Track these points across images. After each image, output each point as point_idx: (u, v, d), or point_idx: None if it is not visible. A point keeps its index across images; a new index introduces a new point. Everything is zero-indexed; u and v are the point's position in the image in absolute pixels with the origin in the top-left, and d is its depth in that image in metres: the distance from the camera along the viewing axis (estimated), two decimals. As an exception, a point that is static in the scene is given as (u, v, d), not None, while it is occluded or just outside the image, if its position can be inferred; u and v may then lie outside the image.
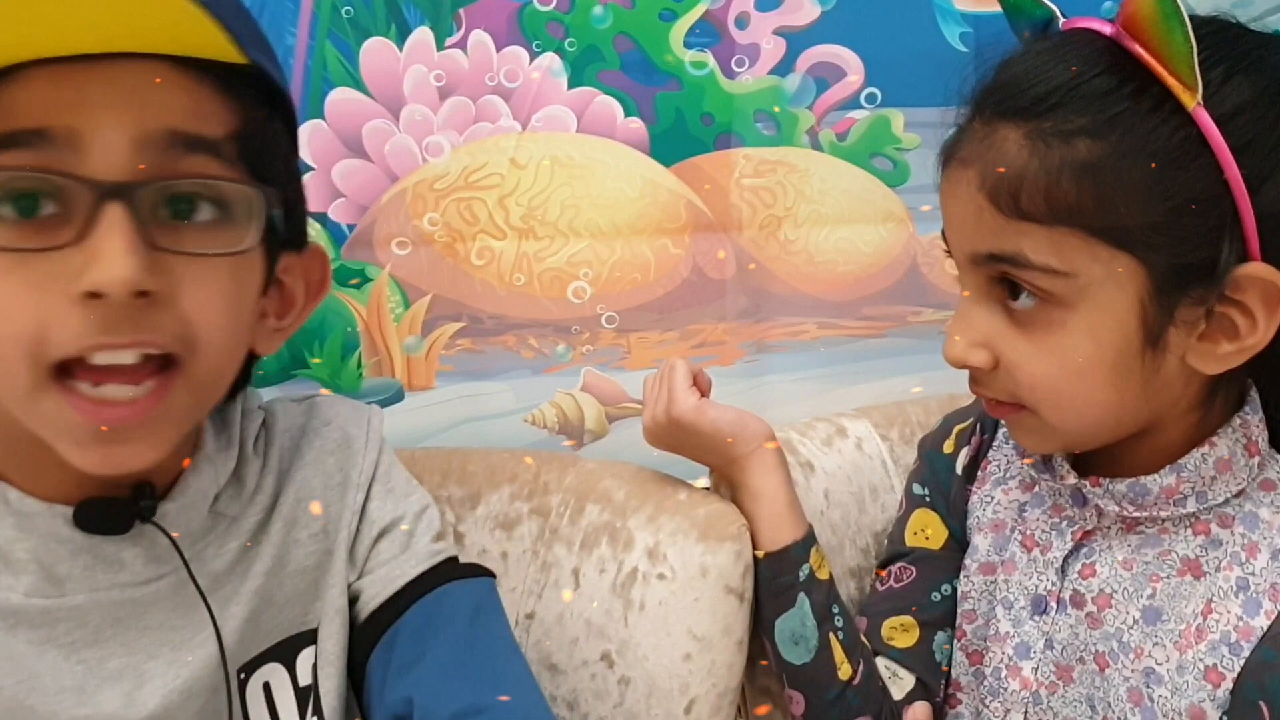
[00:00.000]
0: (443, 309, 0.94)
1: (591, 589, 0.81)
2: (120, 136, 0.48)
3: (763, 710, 0.81)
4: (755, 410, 0.95)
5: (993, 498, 0.74)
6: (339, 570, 0.67)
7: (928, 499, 0.78)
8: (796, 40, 0.91)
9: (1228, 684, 0.61)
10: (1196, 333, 0.58)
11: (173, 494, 0.58)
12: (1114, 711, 0.64)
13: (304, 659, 0.65)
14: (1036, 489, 0.71)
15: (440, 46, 0.88)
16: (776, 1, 0.89)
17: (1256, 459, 0.63)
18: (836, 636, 0.73)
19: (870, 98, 0.93)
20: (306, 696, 0.65)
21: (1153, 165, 0.56)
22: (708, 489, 0.84)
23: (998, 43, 0.89)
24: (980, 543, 0.74)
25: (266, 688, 0.64)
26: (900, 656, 0.75)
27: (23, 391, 0.49)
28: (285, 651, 0.65)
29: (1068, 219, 0.58)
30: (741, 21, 0.89)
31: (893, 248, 0.97)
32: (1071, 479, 0.67)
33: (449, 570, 0.69)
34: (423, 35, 0.87)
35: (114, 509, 0.57)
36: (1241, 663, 0.61)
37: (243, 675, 0.63)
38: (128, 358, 0.49)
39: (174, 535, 0.59)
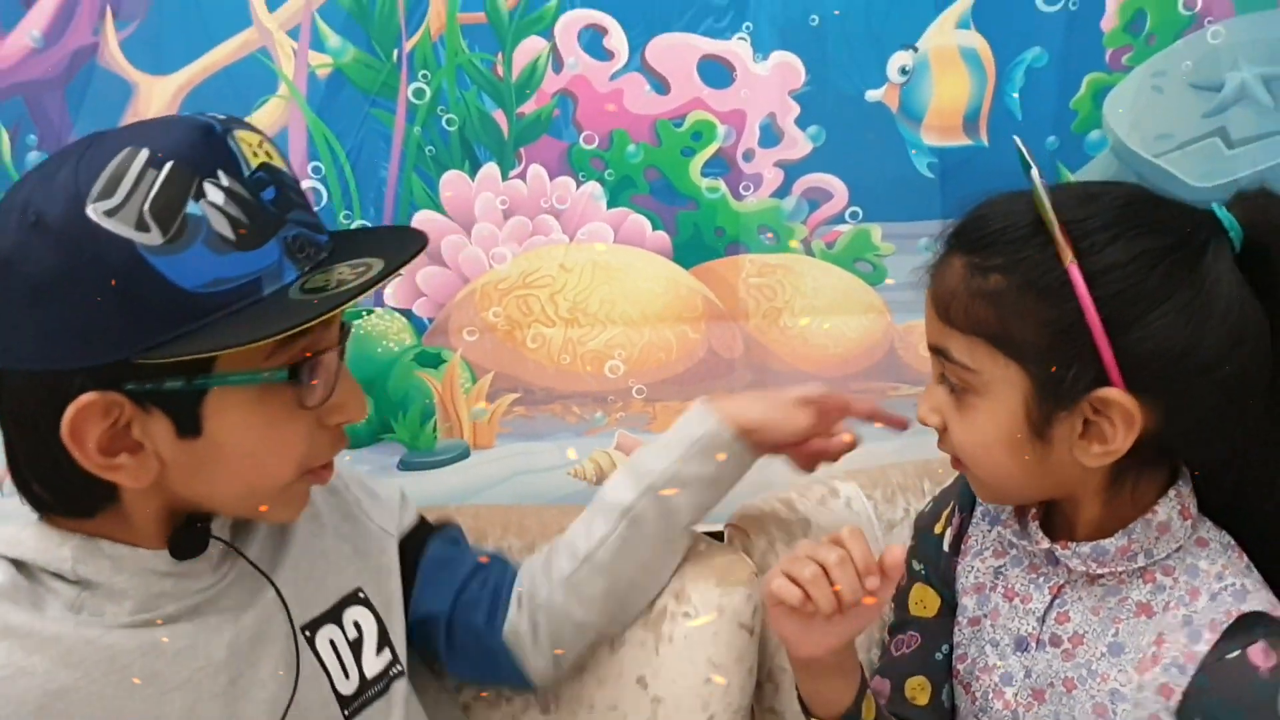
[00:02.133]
0: (503, 383, 1.11)
1: None
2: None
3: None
4: (758, 468, 1.13)
5: (973, 567, 0.85)
6: (373, 539, 0.85)
7: (923, 574, 0.89)
8: (792, 170, 1.07)
9: (1176, 697, 0.74)
10: (1076, 433, 0.72)
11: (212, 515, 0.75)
12: None
13: (349, 616, 0.82)
14: (1012, 553, 0.83)
15: (505, 178, 1.05)
16: (776, 139, 1.05)
17: (1190, 521, 0.76)
18: None
19: (853, 214, 1.08)
20: (359, 646, 0.82)
21: (1037, 300, 0.70)
22: (720, 536, 1.03)
23: (960, 170, 1.08)
24: (967, 603, 0.85)
25: (331, 644, 0.80)
26: (922, 715, 0.86)
27: (282, 484, 0.70)
28: (336, 613, 0.81)
29: (978, 330, 0.71)
30: (748, 156, 1.06)
31: (873, 334, 1.12)
32: (1045, 544, 0.79)
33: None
34: (490, 169, 1.05)
35: (195, 535, 0.72)
36: (1188, 680, 0.72)
37: (308, 633, 0.78)
38: None
39: (226, 540, 0.74)
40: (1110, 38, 1.03)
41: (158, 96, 0.99)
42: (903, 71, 1.03)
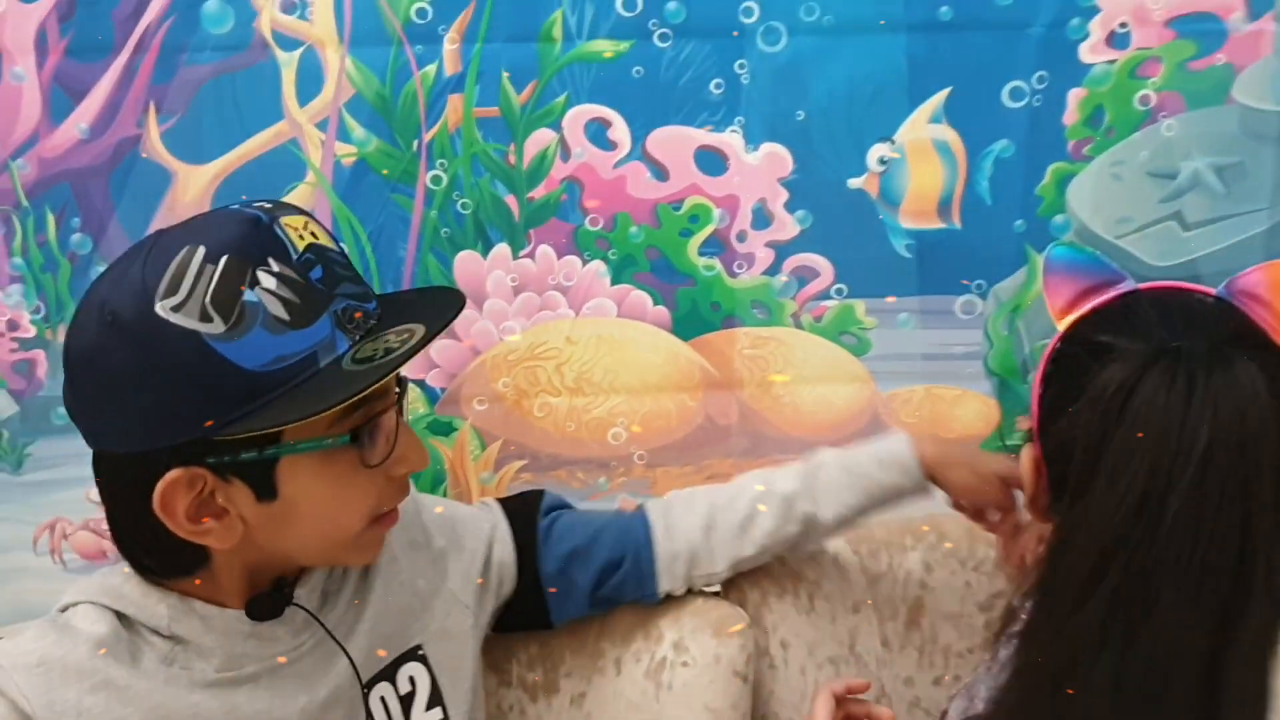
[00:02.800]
0: (510, 451, 1.17)
1: (630, 673, 1.05)
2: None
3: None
4: None
5: None
6: (444, 600, 0.89)
7: None
8: (783, 250, 1.13)
9: None
10: None
11: (300, 583, 0.80)
12: None
13: (405, 672, 0.87)
14: None
15: (515, 257, 1.13)
16: (767, 222, 1.12)
17: None
18: None
19: (839, 290, 1.14)
20: (410, 700, 0.86)
21: None
22: (718, 594, 1.09)
23: (935, 251, 1.16)
24: None
25: (383, 700, 0.85)
26: None
27: (355, 534, 0.76)
28: (391, 670, 0.86)
29: None
30: (741, 237, 1.13)
31: (858, 401, 1.18)
32: None
33: (528, 502, 0.97)
34: (502, 249, 1.13)
35: (274, 599, 0.77)
36: None
37: (365, 690, 0.83)
38: None
39: (309, 609, 0.79)
40: (1072, 131, 1.11)
41: (195, 183, 1.07)
42: (881, 161, 1.12)
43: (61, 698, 0.73)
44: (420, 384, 1.15)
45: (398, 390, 0.76)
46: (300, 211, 0.73)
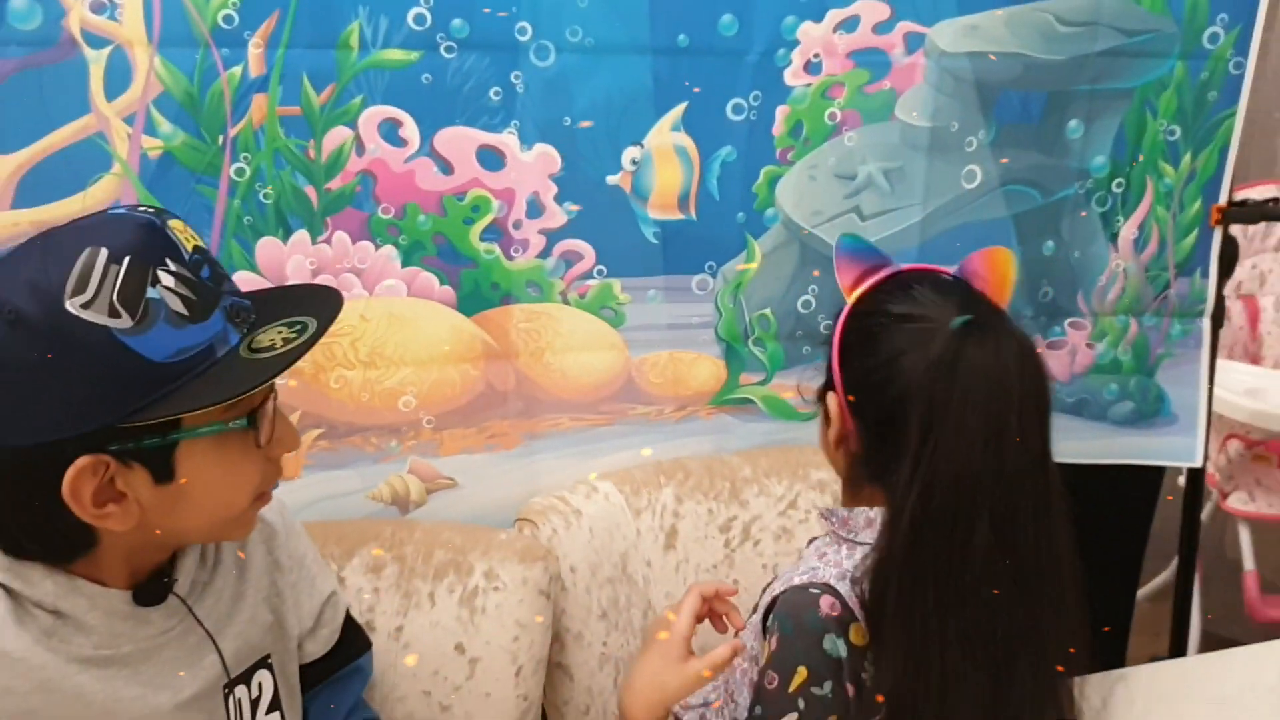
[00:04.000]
0: (309, 421, 1.26)
1: (443, 604, 1.20)
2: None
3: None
4: (529, 479, 1.35)
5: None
6: (289, 622, 0.96)
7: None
8: (553, 236, 1.29)
9: None
10: None
11: (176, 574, 0.85)
12: None
13: (256, 678, 0.93)
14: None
15: (314, 242, 1.22)
16: (539, 212, 1.28)
17: None
18: None
19: (599, 271, 1.31)
20: (256, 704, 0.92)
21: None
22: (518, 530, 1.25)
23: (677, 237, 1.37)
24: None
25: (239, 702, 0.90)
26: None
27: (240, 512, 0.82)
28: (248, 674, 0.92)
29: None
30: (516, 225, 1.28)
31: (615, 366, 1.36)
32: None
33: (359, 640, 1.05)
34: (301, 235, 1.22)
35: (156, 588, 0.83)
36: None
37: (226, 690, 0.89)
38: None
39: (183, 598, 0.85)
40: (779, 140, 1.35)
41: (-3, 172, 1.10)
42: (633, 162, 1.31)
43: None
44: (223, 362, 1.22)
45: None
46: (177, 217, 0.78)
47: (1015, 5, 1.38)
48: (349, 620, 1.05)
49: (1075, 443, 1.56)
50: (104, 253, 0.71)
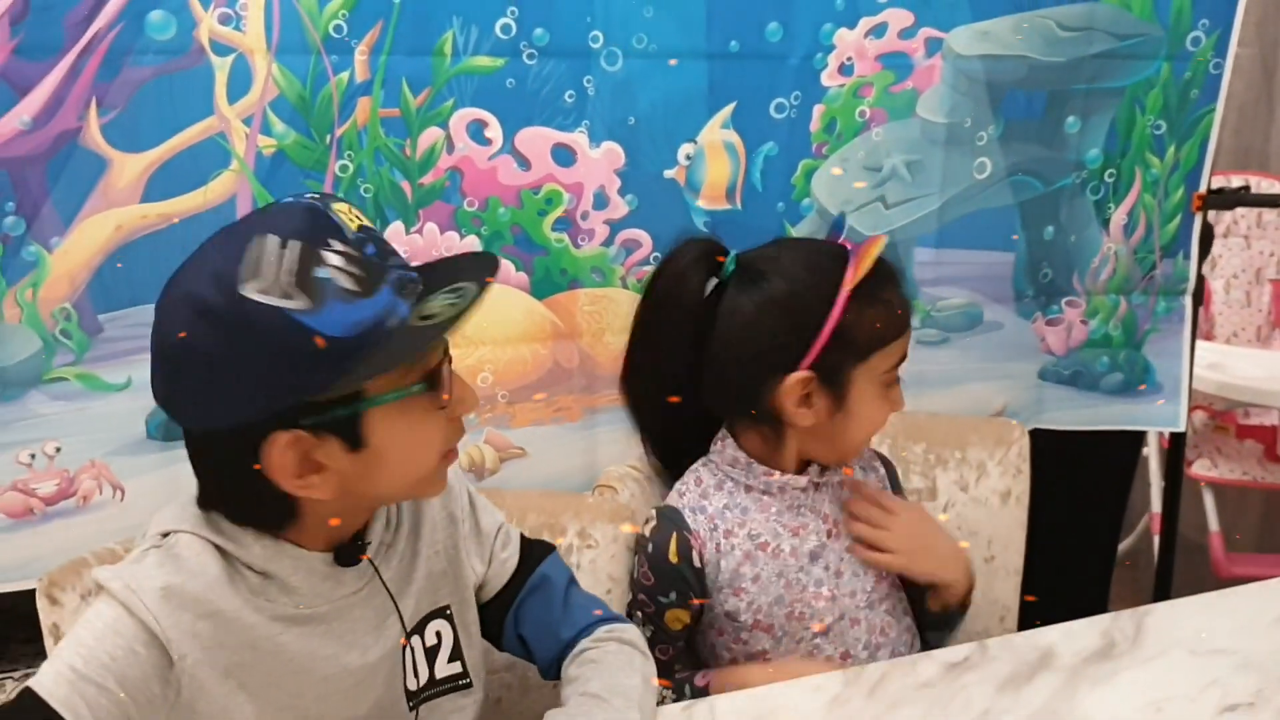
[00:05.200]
0: None
1: None
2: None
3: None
4: (590, 449, 1.45)
5: (730, 550, 1.15)
6: (465, 571, 1.01)
7: (674, 599, 1.16)
8: (615, 226, 1.38)
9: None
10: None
11: (368, 537, 0.92)
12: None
13: (433, 627, 0.98)
14: (756, 513, 1.16)
15: (407, 232, 1.33)
16: (604, 203, 1.38)
17: None
18: None
19: (655, 259, 1.38)
20: (435, 652, 0.98)
21: None
22: (598, 494, 1.36)
23: (724, 225, 1.49)
24: (745, 570, 1.15)
25: (412, 650, 0.96)
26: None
27: (430, 470, 0.88)
28: (422, 625, 0.97)
29: None
30: (584, 216, 1.38)
31: None
32: (804, 480, 1.17)
33: (537, 550, 1.07)
34: (396, 226, 1.32)
35: (353, 549, 0.89)
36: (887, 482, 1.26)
37: (404, 644, 0.94)
38: None
39: (371, 560, 0.91)
40: (815, 136, 1.47)
41: (129, 170, 1.19)
42: (687, 157, 1.42)
43: (181, 620, 0.82)
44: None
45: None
46: (344, 200, 0.83)
47: (1021, 12, 1.52)
48: (524, 539, 1.08)
49: (1071, 411, 1.72)
50: (272, 239, 0.75)
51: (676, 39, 1.38)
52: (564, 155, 1.37)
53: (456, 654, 1.01)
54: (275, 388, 0.77)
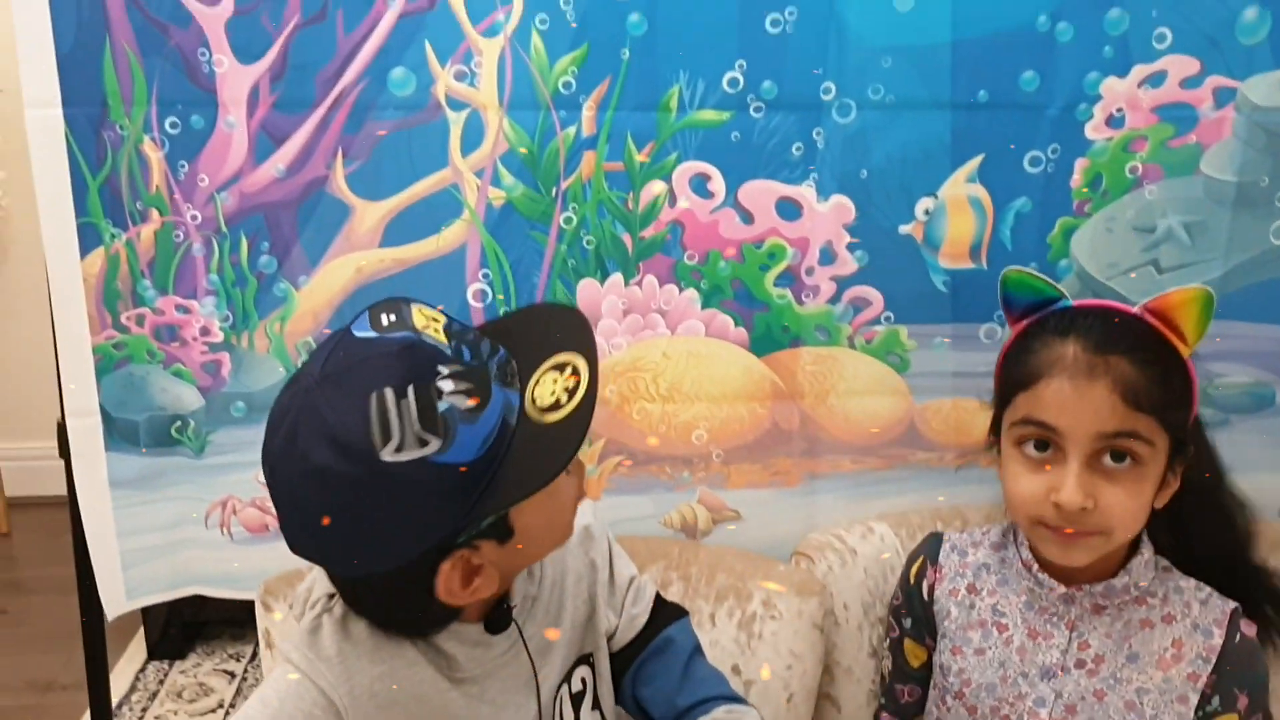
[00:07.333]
0: (611, 448, 1.37)
1: (723, 626, 1.26)
2: None
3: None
4: (808, 516, 1.39)
5: (966, 605, 1.09)
6: (601, 619, 1.01)
7: (910, 628, 1.15)
8: (843, 283, 1.33)
9: (1203, 681, 0.99)
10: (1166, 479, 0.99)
11: (512, 599, 0.92)
12: None
13: (578, 673, 0.99)
14: (1011, 596, 1.07)
15: (626, 284, 1.33)
16: (831, 260, 1.33)
17: (1154, 556, 1.05)
18: None
19: (887, 318, 1.34)
20: (580, 699, 0.98)
21: (1180, 380, 0.98)
22: (794, 564, 1.31)
23: (966, 287, 1.39)
24: (972, 636, 1.08)
25: (560, 700, 0.96)
26: None
27: (568, 532, 0.90)
28: (569, 673, 0.98)
29: (1155, 410, 0.95)
30: (809, 271, 1.34)
31: (898, 411, 1.39)
32: (1060, 589, 1.03)
33: (668, 611, 1.06)
34: (616, 278, 1.33)
35: (502, 615, 0.91)
36: (1212, 667, 0.99)
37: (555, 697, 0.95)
38: None
39: (516, 620, 0.92)
40: (1076, 192, 1.34)
41: (370, 216, 1.28)
42: (926, 212, 1.34)
43: (356, 686, 0.86)
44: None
45: None
46: (424, 304, 0.81)
47: (1338, 58, 1.32)
48: (658, 598, 1.07)
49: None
50: (389, 394, 0.74)
51: (917, 89, 1.30)
52: (789, 209, 1.34)
53: (596, 702, 1.01)
54: (426, 529, 0.78)
